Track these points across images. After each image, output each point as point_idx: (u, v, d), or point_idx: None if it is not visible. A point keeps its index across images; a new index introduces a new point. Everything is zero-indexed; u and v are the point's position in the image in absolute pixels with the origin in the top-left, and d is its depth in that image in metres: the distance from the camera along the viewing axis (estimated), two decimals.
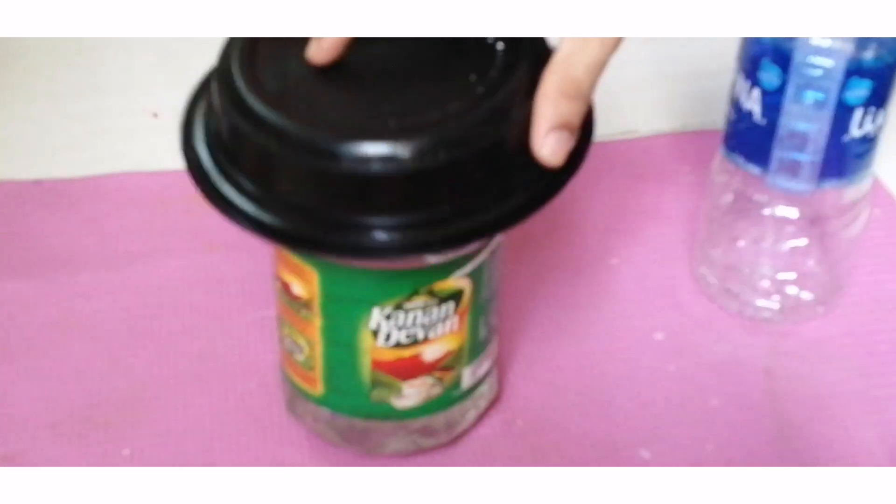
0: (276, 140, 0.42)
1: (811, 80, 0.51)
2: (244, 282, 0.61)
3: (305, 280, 0.47)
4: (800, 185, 0.54)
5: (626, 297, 0.61)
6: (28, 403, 0.54)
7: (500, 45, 0.44)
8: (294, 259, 0.47)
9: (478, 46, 0.44)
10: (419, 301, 0.47)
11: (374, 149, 0.41)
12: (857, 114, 0.52)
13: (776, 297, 0.59)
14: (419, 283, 0.46)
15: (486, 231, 0.44)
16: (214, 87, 0.45)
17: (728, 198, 0.58)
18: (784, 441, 0.53)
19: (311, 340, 0.49)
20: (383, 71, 0.45)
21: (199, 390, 0.55)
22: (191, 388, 0.55)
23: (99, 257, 0.62)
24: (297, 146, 0.42)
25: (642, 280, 0.61)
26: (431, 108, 0.42)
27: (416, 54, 0.45)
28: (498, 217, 0.43)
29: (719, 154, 0.58)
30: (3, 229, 0.63)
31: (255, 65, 0.44)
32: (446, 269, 0.47)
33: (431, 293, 0.47)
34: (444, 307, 0.47)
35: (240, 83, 0.43)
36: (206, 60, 0.46)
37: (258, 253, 0.62)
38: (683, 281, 0.61)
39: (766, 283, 0.59)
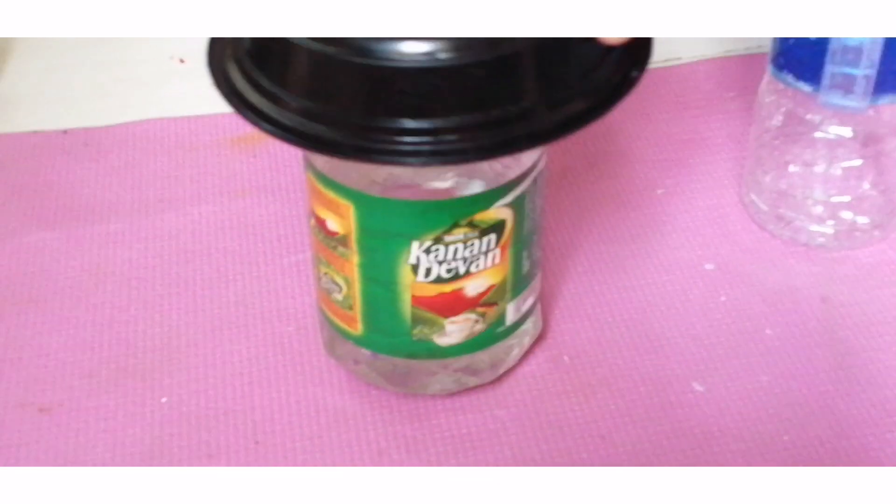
0: (307, 39, 0.40)
1: None
2: (277, 225, 0.59)
3: (341, 215, 0.45)
4: (854, 102, 0.51)
5: (674, 227, 0.58)
6: (63, 354, 0.53)
7: None
8: (329, 193, 0.45)
9: None
10: (459, 233, 0.45)
11: (411, 45, 0.39)
12: None
13: (830, 222, 0.56)
14: (459, 214, 0.45)
15: (536, 140, 0.41)
16: None
17: (777, 120, 0.56)
18: (843, 370, 0.51)
19: (349, 278, 0.47)
20: None
21: (235, 336, 0.53)
22: (227, 334, 0.54)
23: (129, 205, 0.61)
24: (328, 42, 0.39)
25: (690, 210, 0.59)
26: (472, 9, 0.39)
27: None
28: (549, 127, 0.40)
29: (767, 74, 0.55)
30: (32, 180, 0.62)
31: None
32: (487, 199, 0.45)
33: (472, 225, 0.45)
34: (485, 239, 0.46)
35: None
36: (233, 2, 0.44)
37: (291, 196, 0.61)
38: (732, 209, 0.59)
39: (819, 209, 0.56)
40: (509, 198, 0.45)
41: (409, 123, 0.39)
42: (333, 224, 0.46)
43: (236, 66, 0.43)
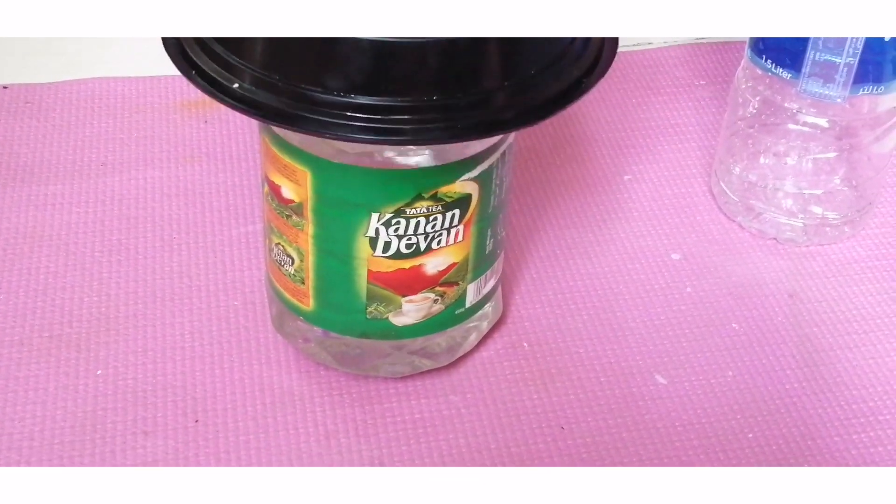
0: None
1: None
2: (227, 194, 0.56)
3: (297, 181, 0.43)
4: (833, 91, 0.50)
5: (640, 215, 0.56)
6: None
7: None
8: (285, 158, 0.43)
9: None
10: (422, 206, 0.42)
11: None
12: None
13: (800, 216, 0.55)
14: (423, 185, 0.42)
15: (490, 128, 0.40)
16: None
17: (753, 107, 0.54)
18: (809, 367, 0.50)
19: (302, 250, 0.44)
20: None
21: (178, 308, 0.51)
22: (169, 305, 0.51)
23: (71, 167, 0.57)
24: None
25: (657, 197, 0.57)
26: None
27: None
28: (506, 116, 0.39)
29: (745, 59, 0.53)
30: None
31: None
32: (453, 171, 0.42)
33: (436, 198, 0.43)
34: (449, 214, 0.43)
35: None
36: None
37: (242, 164, 0.58)
38: (701, 198, 0.57)
39: (789, 202, 0.55)
40: (476, 171, 0.43)
41: (362, 99, 0.38)
42: (288, 191, 0.43)
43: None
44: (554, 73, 0.40)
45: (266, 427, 0.46)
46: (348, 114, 0.38)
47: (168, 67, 0.40)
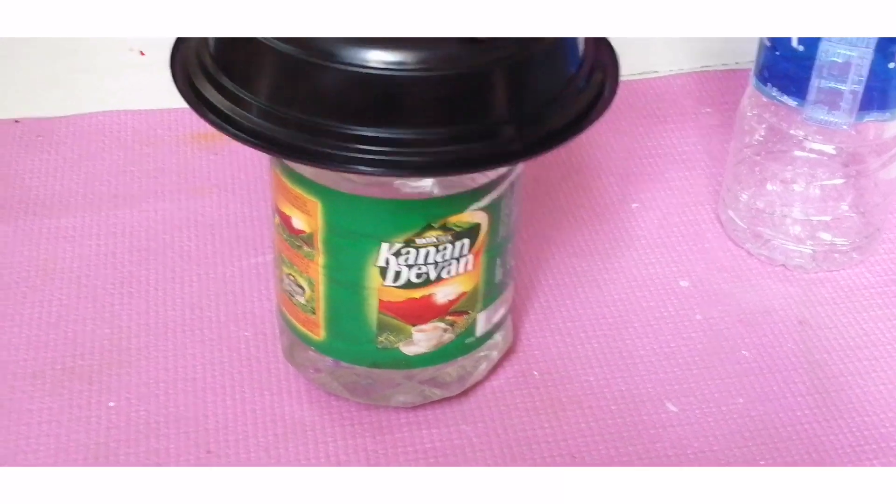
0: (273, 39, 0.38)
1: None
2: (237, 226, 0.57)
3: (307, 212, 0.43)
4: (839, 118, 0.50)
5: (648, 243, 0.57)
6: (7, 352, 0.50)
7: None
8: (296, 188, 0.43)
9: None
10: (432, 236, 0.43)
11: (377, 53, 0.37)
12: None
13: (809, 243, 0.55)
14: (432, 215, 0.42)
15: (498, 160, 0.40)
16: None
17: (759, 135, 0.54)
18: (820, 394, 0.50)
19: (313, 280, 0.45)
20: None
21: (189, 340, 0.51)
22: (181, 337, 0.51)
23: (82, 199, 0.58)
24: (292, 43, 0.38)
25: (665, 225, 0.58)
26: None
27: None
28: (514, 148, 0.39)
29: (750, 87, 0.54)
30: None
31: None
32: (462, 202, 0.43)
33: (445, 228, 0.43)
34: (458, 244, 0.43)
35: None
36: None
37: (252, 195, 0.59)
38: (709, 226, 0.57)
39: (797, 228, 0.55)
40: (485, 201, 0.43)
41: (369, 131, 0.38)
42: (299, 222, 0.44)
43: (199, 66, 0.41)
44: (561, 104, 0.40)
45: (278, 458, 0.46)
46: (356, 146, 0.38)
47: (178, 100, 0.41)
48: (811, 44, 0.49)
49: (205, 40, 0.41)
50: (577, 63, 0.41)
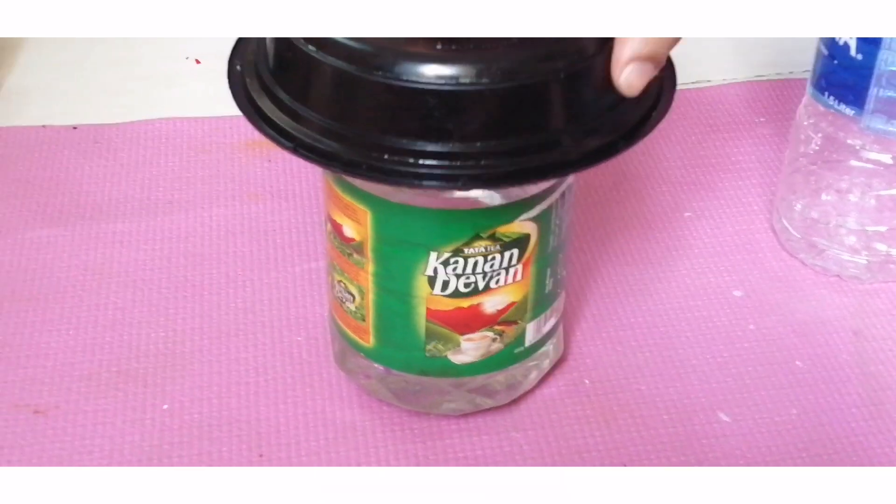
0: (330, 54, 0.38)
1: None
2: (290, 232, 0.57)
3: (358, 221, 0.43)
4: None
5: (701, 252, 0.56)
6: (62, 354, 0.51)
7: None
8: (346, 197, 0.43)
9: None
10: (480, 246, 0.43)
11: (434, 67, 0.37)
12: None
13: (864, 253, 0.54)
14: (481, 226, 0.42)
15: (557, 170, 0.39)
16: None
17: (815, 144, 0.54)
18: (875, 406, 0.49)
19: (363, 288, 0.45)
20: None
21: (242, 343, 0.51)
22: (234, 341, 0.51)
23: (138, 204, 0.59)
24: (350, 59, 0.38)
25: (718, 234, 0.57)
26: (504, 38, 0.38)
27: None
28: (571, 158, 0.39)
29: (806, 97, 0.53)
30: (40, 175, 0.60)
31: None
32: (511, 212, 0.43)
33: (494, 238, 0.43)
34: (507, 254, 0.43)
35: None
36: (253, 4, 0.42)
37: (305, 202, 0.59)
38: (762, 235, 0.57)
39: (852, 239, 0.54)
40: (535, 212, 0.43)
41: (428, 146, 0.38)
42: (349, 230, 0.44)
43: (256, 79, 0.41)
44: (617, 114, 0.40)
45: (329, 461, 0.46)
46: (415, 161, 0.38)
47: (232, 108, 0.41)
48: (870, 52, 0.48)
49: (263, 53, 0.41)
50: None
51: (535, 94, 0.38)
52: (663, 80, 0.42)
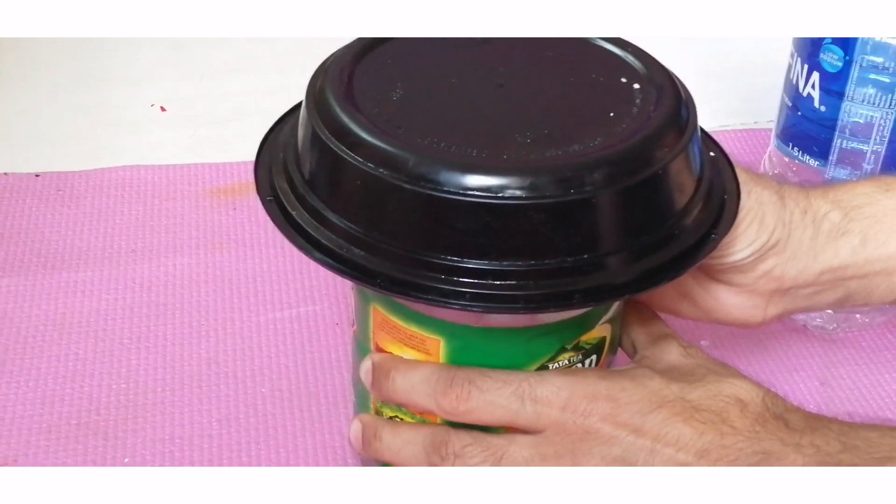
0: (386, 169, 0.35)
1: (876, 62, 0.47)
2: (255, 281, 0.57)
3: (426, 351, 0.39)
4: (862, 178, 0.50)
5: None
6: (23, 406, 0.50)
7: (635, 85, 0.39)
8: (411, 328, 0.39)
9: (609, 83, 0.39)
10: (564, 358, 0.39)
11: (475, 178, 0.34)
12: None
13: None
14: (566, 337, 0.39)
15: (609, 295, 0.37)
16: (305, 112, 0.38)
17: None
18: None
19: (429, 421, 0.40)
20: (506, 100, 0.38)
21: (206, 395, 0.51)
22: (197, 392, 0.51)
23: (101, 253, 0.58)
24: (410, 175, 0.35)
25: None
26: (573, 140, 0.36)
27: (542, 88, 0.39)
28: (623, 281, 0.36)
29: (771, 147, 0.54)
30: (2, 223, 0.59)
31: (352, 91, 0.37)
32: (595, 317, 0.39)
33: (577, 347, 0.40)
34: (587, 361, 0.40)
35: (337, 107, 0.36)
36: (218, 54, 0.42)
37: (270, 251, 0.59)
38: None
39: None
40: (611, 313, 0.40)
41: (468, 263, 0.35)
42: None
43: (284, 179, 0.39)
44: (671, 236, 0.37)
45: None
46: (490, 282, 0.35)
47: (197, 156, 0.41)
48: (833, 105, 0.49)
49: (296, 163, 0.38)
50: (693, 185, 0.38)
51: (580, 211, 0.35)
52: (725, 199, 0.40)
